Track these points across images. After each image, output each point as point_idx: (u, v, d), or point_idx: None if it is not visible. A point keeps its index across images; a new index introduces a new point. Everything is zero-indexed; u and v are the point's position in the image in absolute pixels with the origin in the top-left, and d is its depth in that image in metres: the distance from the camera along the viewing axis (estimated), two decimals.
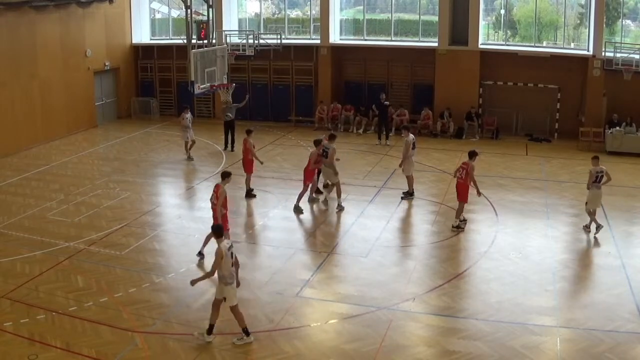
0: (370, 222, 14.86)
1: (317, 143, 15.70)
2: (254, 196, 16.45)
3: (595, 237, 13.70)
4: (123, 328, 10.00)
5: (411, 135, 16.45)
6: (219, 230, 9.57)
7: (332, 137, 16.00)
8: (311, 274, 12.04)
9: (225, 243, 9.39)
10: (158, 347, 9.52)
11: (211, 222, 15.02)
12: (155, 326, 10.12)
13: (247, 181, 16.60)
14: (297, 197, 15.57)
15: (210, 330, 9.60)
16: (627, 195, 16.75)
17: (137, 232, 14.18)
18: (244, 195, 16.49)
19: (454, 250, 13.28)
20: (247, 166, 16.57)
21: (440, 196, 16.67)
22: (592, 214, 13.87)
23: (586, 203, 14.03)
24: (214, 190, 12.70)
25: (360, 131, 24.14)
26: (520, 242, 13.53)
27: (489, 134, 23.60)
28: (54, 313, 10.41)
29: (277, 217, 15.40)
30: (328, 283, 11.79)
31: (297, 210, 15.43)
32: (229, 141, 21.51)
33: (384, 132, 22.46)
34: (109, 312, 10.52)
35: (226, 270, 9.33)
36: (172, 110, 27.71)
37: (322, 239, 13.92)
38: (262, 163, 16.82)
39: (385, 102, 22.76)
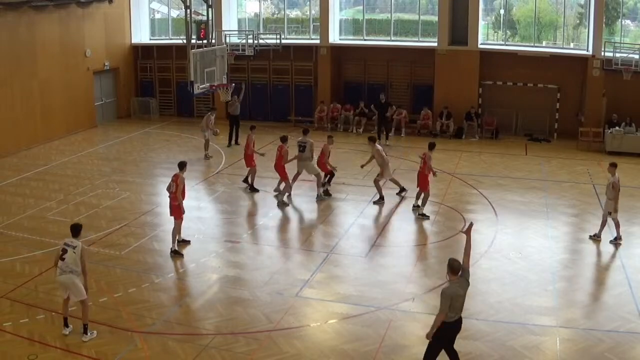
0: (370, 222, 14.87)
1: (284, 139, 16.40)
2: (257, 190, 16.89)
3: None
4: (122, 328, 10.00)
5: (377, 144, 16.65)
6: (74, 230, 9.75)
7: (306, 132, 16.92)
8: (311, 274, 12.04)
9: (64, 241, 9.74)
10: (158, 347, 9.52)
11: (211, 221, 15.14)
12: (155, 326, 10.12)
13: (251, 175, 17.09)
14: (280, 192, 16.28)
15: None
16: (627, 195, 16.73)
17: (136, 232, 14.18)
18: (249, 189, 16.94)
19: (454, 250, 13.23)
20: (248, 160, 17.13)
21: (440, 196, 16.66)
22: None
23: (610, 213, 13.53)
24: (172, 180, 12.91)
25: (360, 130, 24.17)
26: (520, 242, 13.53)
27: (489, 134, 23.61)
28: (53, 313, 10.39)
29: (277, 217, 15.41)
30: (328, 283, 11.79)
31: (282, 204, 16.01)
32: (234, 136, 21.95)
33: (384, 132, 22.45)
34: (109, 312, 10.52)
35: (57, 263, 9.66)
36: (172, 110, 27.76)
37: (322, 239, 13.91)
38: (263, 155, 17.57)
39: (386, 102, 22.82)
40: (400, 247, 13.49)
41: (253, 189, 16.99)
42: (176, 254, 12.84)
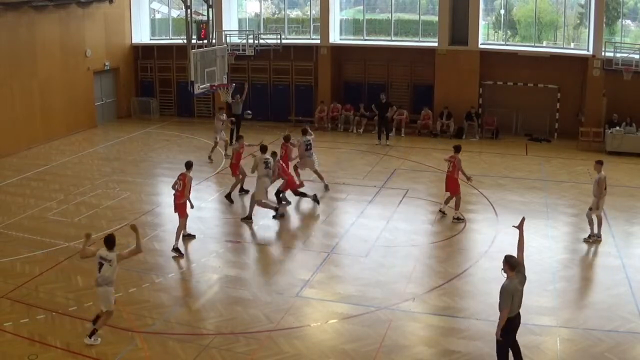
0: (370, 222, 14.86)
1: (287, 139, 16.73)
2: (231, 201, 16.26)
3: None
4: (123, 328, 10.00)
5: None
6: (108, 243, 9.58)
7: (306, 131, 17.30)
8: (311, 274, 12.04)
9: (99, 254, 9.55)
10: (158, 347, 9.52)
11: (211, 221, 15.13)
12: (155, 326, 10.12)
13: (240, 183, 16.71)
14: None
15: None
16: (627, 195, 16.75)
17: None
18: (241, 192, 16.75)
19: (454, 250, 13.28)
20: (232, 169, 16.62)
21: (440, 196, 16.64)
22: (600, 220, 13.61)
23: (591, 209, 13.57)
24: (179, 179, 12.98)
25: (361, 131, 24.19)
26: None
27: (489, 133, 23.60)
28: (54, 313, 10.42)
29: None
30: (328, 283, 11.79)
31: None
32: (235, 136, 21.93)
33: (384, 132, 22.46)
34: None
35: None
36: (172, 110, 27.77)
37: (322, 239, 13.91)
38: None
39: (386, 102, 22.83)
40: (400, 247, 13.48)
41: (230, 198, 16.34)
42: (177, 252, 12.83)
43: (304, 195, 15.90)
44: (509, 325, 8.37)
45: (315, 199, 15.84)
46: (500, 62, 23.65)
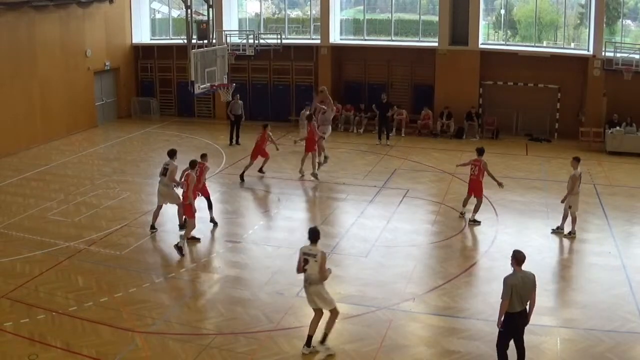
0: (370, 222, 14.86)
1: (310, 118, 18.32)
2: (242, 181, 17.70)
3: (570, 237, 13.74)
4: (123, 328, 10.00)
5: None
6: (312, 235, 9.30)
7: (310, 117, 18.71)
8: None
9: (303, 250, 9.34)
10: (158, 347, 9.52)
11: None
12: (155, 326, 10.12)
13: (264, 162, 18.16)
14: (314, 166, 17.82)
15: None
16: (627, 195, 16.76)
17: (137, 232, 14.18)
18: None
19: (454, 250, 13.28)
20: (261, 153, 18.12)
21: (440, 196, 16.67)
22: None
23: (570, 207, 13.75)
24: (184, 179, 13.14)
25: (361, 131, 24.19)
26: (520, 242, 13.49)
27: (489, 134, 23.60)
28: (54, 313, 10.42)
29: (277, 217, 15.42)
30: (328, 283, 11.65)
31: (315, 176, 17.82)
32: (234, 136, 22.08)
33: (384, 132, 22.46)
34: (109, 312, 10.52)
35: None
36: (172, 110, 27.76)
37: (322, 239, 13.78)
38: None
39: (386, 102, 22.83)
40: (400, 247, 13.48)
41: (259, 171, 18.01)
42: (179, 250, 12.76)
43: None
44: (510, 322, 8.42)
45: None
46: (501, 62, 23.65)
